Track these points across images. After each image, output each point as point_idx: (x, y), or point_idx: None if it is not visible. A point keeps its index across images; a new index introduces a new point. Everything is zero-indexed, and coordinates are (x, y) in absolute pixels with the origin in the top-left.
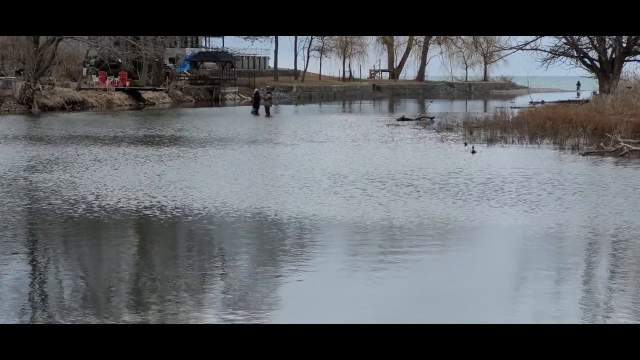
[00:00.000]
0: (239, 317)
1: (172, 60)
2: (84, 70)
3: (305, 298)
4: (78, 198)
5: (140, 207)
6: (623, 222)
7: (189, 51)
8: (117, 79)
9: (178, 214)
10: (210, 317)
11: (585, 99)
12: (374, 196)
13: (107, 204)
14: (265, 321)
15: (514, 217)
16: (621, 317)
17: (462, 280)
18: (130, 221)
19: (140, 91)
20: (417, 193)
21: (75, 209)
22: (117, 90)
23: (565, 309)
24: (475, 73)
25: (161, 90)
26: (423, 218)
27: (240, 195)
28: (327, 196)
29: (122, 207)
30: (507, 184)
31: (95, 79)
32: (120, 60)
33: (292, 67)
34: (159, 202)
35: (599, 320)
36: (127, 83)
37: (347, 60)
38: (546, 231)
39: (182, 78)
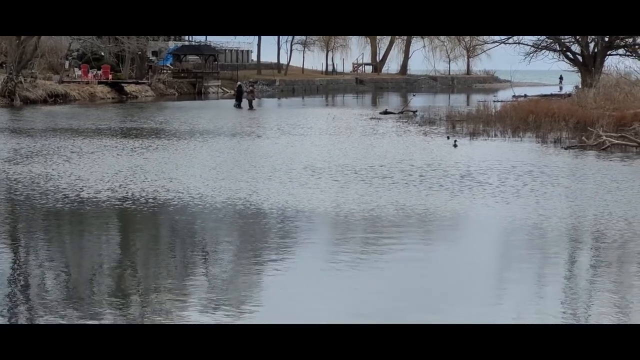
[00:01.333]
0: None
1: (155, 53)
2: (67, 63)
3: (280, 289)
4: (55, 190)
5: (117, 198)
6: (600, 213)
7: (171, 44)
8: (99, 72)
9: (156, 205)
10: (192, 311)
11: (567, 93)
12: (353, 188)
13: (85, 196)
14: (248, 317)
15: (491, 208)
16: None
17: (434, 271)
18: (106, 212)
19: (122, 84)
20: (395, 185)
21: (53, 200)
22: (99, 83)
23: (536, 300)
24: (458, 67)
25: (144, 83)
26: (398, 209)
27: (220, 186)
28: (307, 188)
29: (99, 198)
30: (486, 176)
31: (78, 72)
32: (102, 54)
33: (275, 61)
34: (138, 194)
35: (581, 316)
36: (110, 76)
37: (330, 54)
38: (523, 222)
39: (165, 71)
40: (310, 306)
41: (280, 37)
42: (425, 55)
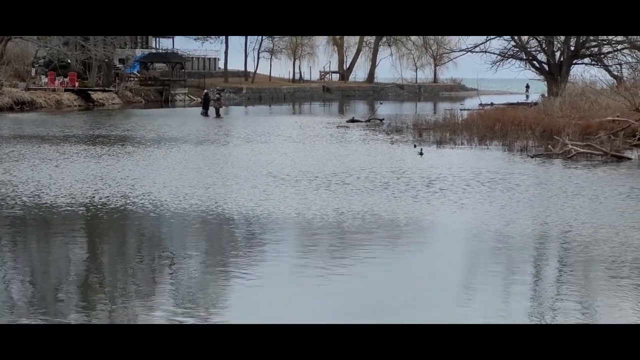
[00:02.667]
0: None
1: (121, 61)
2: (33, 70)
3: (245, 295)
4: (16, 196)
5: (81, 204)
6: (565, 220)
7: (138, 52)
8: (66, 80)
9: (121, 211)
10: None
11: (534, 101)
12: (318, 195)
13: (45, 202)
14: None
15: (456, 215)
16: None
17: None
18: (71, 219)
19: (89, 92)
20: (361, 192)
21: (13, 206)
22: (66, 90)
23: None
24: (425, 75)
25: (111, 91)
26: (364, 216)
27: (185, 192)
28: (271, 195)
29: (64, 204)
30: (452, 184)
31: (44, 79)
32: (69, 61)
33: (242, 69)
34: (103, 200)
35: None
36: (77, 84)
37: (297, 62)
38: (488, 228)
39: (132, 79)
40: (277, 313)
41: (248, 45)
42: (392, 64)
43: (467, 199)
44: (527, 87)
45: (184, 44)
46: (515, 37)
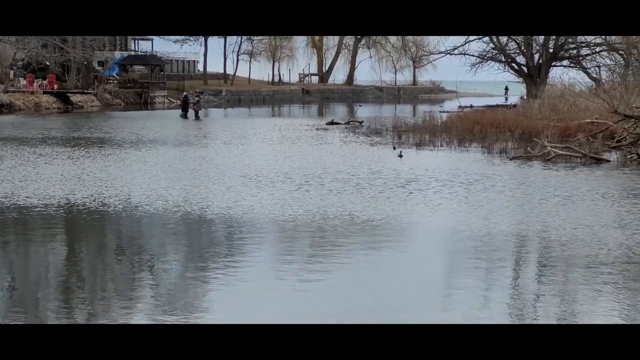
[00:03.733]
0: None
1: (100, 63)
2: (11, 72)
3: (223, 295)
4: None
5: (60, 205)
6: (543, 220)
7: (117, 54)
8: (45, 82)
9: (99, 212)
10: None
11: (513, 103)
12: (297, 196)
13: (26, 203)
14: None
15: (435, 216)
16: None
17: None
18: (50, 220)
19: (68, 94)
20: (341, 193)
21: None
22: (45, 93)
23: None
24: (404, 77)
25: (90, 93)
26: (343, 217)
27: (163, 194)
28: (249, 196)
29: (42, 205)
30: (431, 185)
31: (23, 81)
32: (48, 63)
33: (222, 71)
34: (81, 201)
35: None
36: (56, 86)
37: (276, 64)
38: (467, 229)
39: (111, 81)
40: (259, 314)
41: (227, 47)
42: (372, 66)
43: (446, 200)
44: (506, 89)
45: (163, 47)
46: (494, 39)
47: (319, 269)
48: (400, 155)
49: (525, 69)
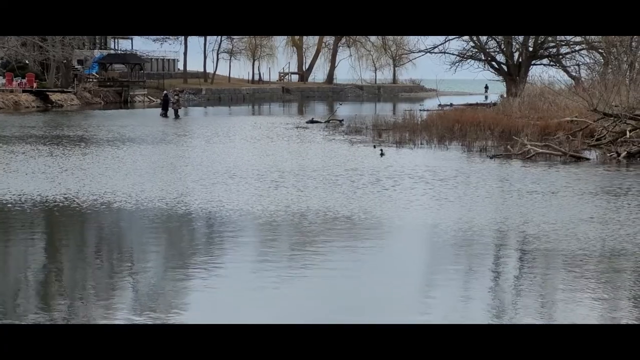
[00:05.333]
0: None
1: (80, 62)
2: None
3: (205, 294)
4: None
5: (38, 202)
6: (523, 217)
7: (97, 53)
8: (24, 81)
9: (78, 210)
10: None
11: (493, 102)
12: (276, 194)
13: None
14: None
15: (415, 214)
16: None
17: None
18: (29, 217)
19: (48, 93)
20: (320, 190)
21: None
22: (24, 91)
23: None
24: (384, 76)
25: (69, 92)
26: (324, 214)
27: (142, 191)
28: (229, 193)
29: (20, 202)
30: (412, 183)
31: (2, 80)
32: (27, 62)
33: (202, 70)
34: (59, 198)
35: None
36: (35, 85)
37: (256, 63)
38: (448, 226)
39: (91, 80)
40: (239, 314)
41: (207, 46)
42: (352, 64)
43: (425, 198)
44: (486, 87)
45: (143, 45)
46: (474, 38)
47: (297, 267)
48: (382, 154)
49: (505, 67)
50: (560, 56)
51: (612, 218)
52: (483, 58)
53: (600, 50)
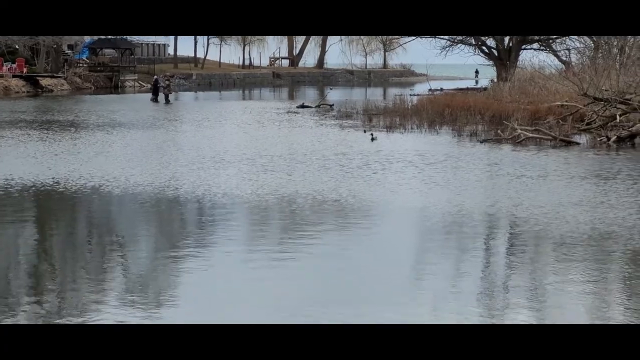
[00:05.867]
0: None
1: (70, 47)
2: None
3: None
4: None
5: (27, 186)
6: (513, 201)
7: (87, 38)
8: (14, 66)
9: (70, 194)
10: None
11: (483, 86)
12: (267, 179)
13: None
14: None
15: (406, 198)
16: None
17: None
18: (17, 200)
19: (38, 78)
20: (313, 174)
21: None
22: (14, 77)
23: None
24: (374, 60)
25: (60, 77)
26: (315, 198)
27: (132, 176)
28: (220, 178)
29: (8, 186)
30: (402, 167)
31: None
32: (17, 47)
33: (192, 55)
34: (49, 182)
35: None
36: (25, 70)
37: (247, 48)
38: (439, 210)
39: (81, 65)
40: (226, 304)
41: None
42: (342, 49)
43: (415, 182)
44: (477, 72)
45: None
46: None
47: (286, 251)
48: (373, 139)
49: (495, 52)
50: (551, 40)
51: (601, 201)
52: (473, 43)
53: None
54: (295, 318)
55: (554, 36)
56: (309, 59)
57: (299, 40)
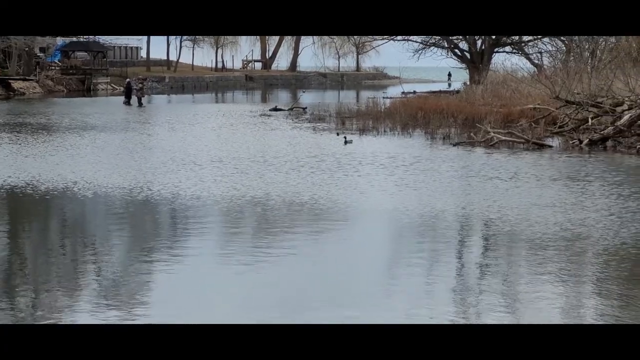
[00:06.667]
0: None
1: (42, 49)
2: None
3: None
4: None
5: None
6: (486, 202)
7: (59, 40)
8: None
9: (39, 196)
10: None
11: (456, 89)
12: (241, 181)
13: None
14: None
15: (379, 200)
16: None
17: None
18: None
19: (9, 81)
20: (280, 177)
21: None
22: None
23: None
24: (347, 63)
25: (32, 80)
26: (287, 200)
27: (102, 178)
28: (192, 180)
29: None
30: (374, 170)
31: None
32: None
33: (165, 58)
34: (22, 184)
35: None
36: None
37: (219, 51)
38: (411, 212)
39: (53, 68)
40: (202, 305)
41: None
42: (315, 52)
43: (387, 184)
44: (449, 75)
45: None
46: None
47: (256, 257)
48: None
49: (468, 55)
50: (523, 44)
51: (572, 203)
52: (446, 46)
53: (562, 38)
54: (268, 319)
55: (527, 38)
56: (281, 62)
57: (272, 42)
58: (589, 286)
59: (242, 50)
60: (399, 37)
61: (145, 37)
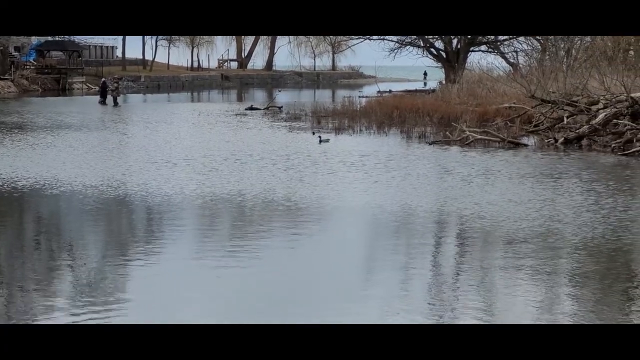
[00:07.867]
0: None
1: (17, 48)
2: None
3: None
4: None
5: None
6: (462, 200)
7: (34, 40)
8: None
9: (14, 195)
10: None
11: (431, 88)
12: (216, 179)
13: None
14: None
15: (353, 198)
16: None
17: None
18: None
19: None
20: (255, 175)
21: None
22: None
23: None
24: (323, 62)
25: (6, 79)
26: (264, 199)
27: (77, 177)
28: (167, 179)
29: None
30: (351, 168)
31: None
32: None
33: (141, 57)
34: None
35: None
36: None
37: (195, 50)
38: (386, 210)
39: (28, 67)
40: (176, 305)
41: None
42: (291, 51)
43: (362, 183)
44: (425, 74)
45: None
46: None
47: (233, 253)
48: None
49: (443, 54)
50: (499, 43)
51: (546, 199)
52: (422, 45)
53: (537, 36)
54: (244, 319)
55: (502, 37)
56: (257, 61)
57: (248, 42)
58: (563, 280)
59: (218, 50)
60: (375, 37)
61: (120, 37)
